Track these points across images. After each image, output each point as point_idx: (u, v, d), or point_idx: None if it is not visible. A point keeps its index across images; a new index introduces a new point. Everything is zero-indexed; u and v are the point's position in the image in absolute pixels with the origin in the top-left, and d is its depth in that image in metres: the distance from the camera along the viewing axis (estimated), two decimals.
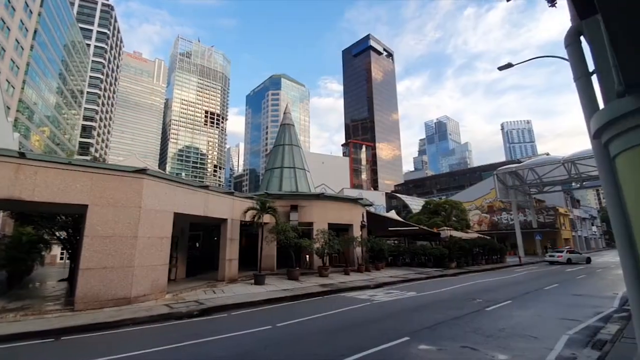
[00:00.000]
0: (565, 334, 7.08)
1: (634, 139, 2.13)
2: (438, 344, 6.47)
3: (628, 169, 2.23)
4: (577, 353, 5.89)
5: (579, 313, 9.22)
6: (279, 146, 25.53)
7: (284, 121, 26.78)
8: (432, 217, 37.68)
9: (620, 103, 2.14)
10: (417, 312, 9.56)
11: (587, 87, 2.75)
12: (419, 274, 19.49)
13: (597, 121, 2.36)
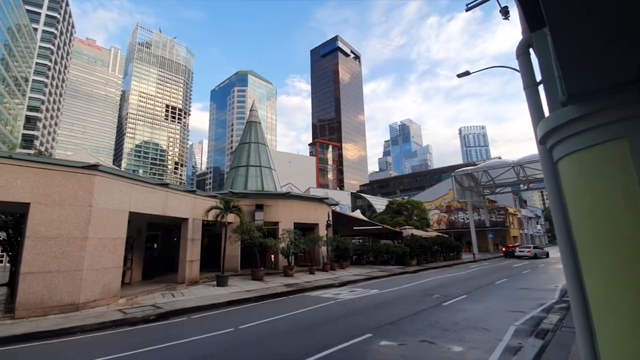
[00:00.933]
0: (513, 325, 7.63)
1: (574, 145, 2.32)
2: (399, 339, 6.68)
3: (568, 172, 2.44)
4: (523, 342, 6.37)
5: (525, 305, 9.98)
6: (245, 144, 25.00)
7: (251, 118, 26.27)
8: (395, 216, 38.93)
9: (563, 112, 2.33)
10: (379, 309, 9.80)
11: (534, 96, 2.96)
12: (382, 272, 20.03)
13: (542, 128, 2.54)
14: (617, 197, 2.10)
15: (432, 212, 56.30)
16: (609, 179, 2.15)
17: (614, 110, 2.07)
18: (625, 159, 2.05)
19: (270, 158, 25.39)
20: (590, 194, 2.30)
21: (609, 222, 2.16)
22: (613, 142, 2.11)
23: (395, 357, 5.77)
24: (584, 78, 2.01)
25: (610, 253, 2.16)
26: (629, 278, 2.04)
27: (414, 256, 25.06)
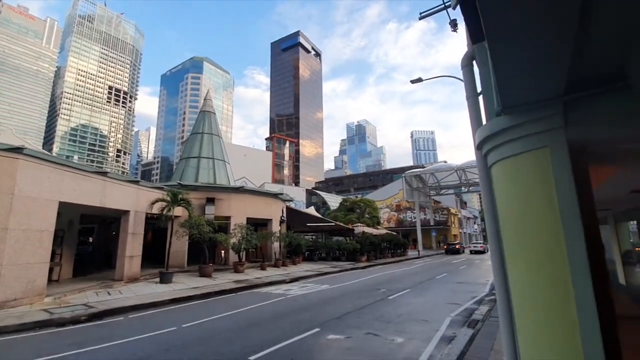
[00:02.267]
0: (449, 316, 8.25)
1: (505, 152, 2.55)
2: (346, 332, 6.87)
3: (500, 176, 2.67)
4: (457, 332, 6.92)
5: (460, 298, 10.84)
6: (198, 134, 23.84)
7: (204, 108, 25.09)
8: (348, 214, 39.91)
9: (497, 121, 2.54)
10: (328, 304, 9.99)
11: (475, 105, 3.19)
12: (333, 268, 20.44)
13: (479, 135, 2.76)
14: (537, 201, 2.35)
15: (383, 210, 58.68)
16: (532, 183, 2.40)
17: (540, 122, 2.32)
18: (547, 166, 2.30)
19: (224, 150, 24.52)
20: (516, 197, 2.54)
21: (530, 223, 2.42)
22: (537, 150, 2.35)
23: (341, 349, 5.92)
24: (517, 91, 2.21)
25: (529, 252, 2.42)
26: (543, 275, 2.31)
27: (364, 253, 25.92)
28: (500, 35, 1.49)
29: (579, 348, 2.07)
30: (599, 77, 2.13)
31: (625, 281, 10.54)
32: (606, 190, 4.88)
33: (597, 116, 2.20)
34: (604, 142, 2.39)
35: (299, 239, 22.55)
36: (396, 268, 22.04)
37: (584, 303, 2.07)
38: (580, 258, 2.11)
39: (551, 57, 1.75)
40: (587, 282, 2.08)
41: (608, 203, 6.94)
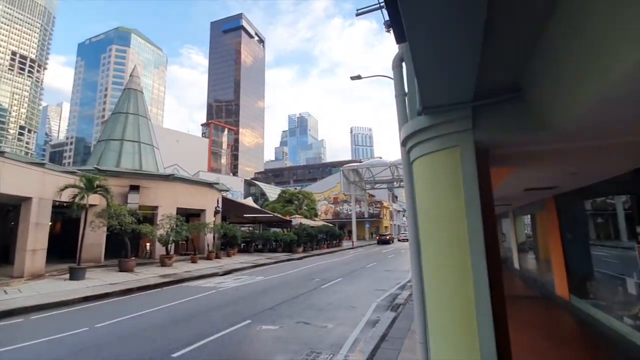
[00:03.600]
0: (375, 302, 8.82)
1: (424, 149, 2.77)
2: (277, 322, 6.92)
3: (419, 172, 2.90)
4: (381, 316, 7.44)
5: (386, 284, 11.67)
6: (121, 114, 21.46)
7: (130, 85, 22.65)
8: (286, 205, 39.95)
9: (419, 120, 2.74)
10: (262, 295, 9.93)
11: (402, 104, 3.41)
12: (269, 259, 20.34)
13: (404, 132, 2.95)
14: (448, 194, 2.62)
15: (321, 202, 60.00)
16: (444, 178, 2.66)
17: (453, 124, 2.57)
18: (457, 163, 2.57)
19: (152, 134, 22.52)
20: (432, 191, 2.80)
21: (442, 214, 2.69)
22: (450, 149, 2.61)
23: (272, 339, 5.95)
24: (435, 94, 2.42)
25: (439, 240, 2.69)
26: (449, 260, 2.59)
27: (301, 244, 26.27)
28: (418, 37, 1.60)
29: (474, 318, 2.37)
30: (500, 88, 2.43)
31: (519, 266, 12.43)
32: (506, 188, 5.67)
33: (497, 121, 2.51)
34: (503, 145, 2.75)
35: (235, 230, 21.93)
36: (331, 258, 22.80)
37: (479, 284, 2.38)
38: (478, 246, 2.41)
39: (463, 64, 1.93)
40: (482, 266, 2.39)
41: (508, 199, 8.07)
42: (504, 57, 2.08)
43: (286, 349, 5.47)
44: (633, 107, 1.93)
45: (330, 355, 5.19)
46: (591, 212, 6.34)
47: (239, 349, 5.58)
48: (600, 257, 5.92)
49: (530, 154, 3.03)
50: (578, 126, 2.24)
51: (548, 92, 2.15)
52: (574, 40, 1.68)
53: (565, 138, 2.53)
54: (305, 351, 5.32)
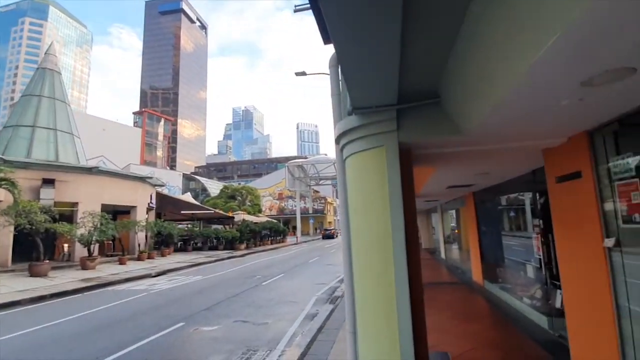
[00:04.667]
0: (315, 296, 9.01)
1: (355, 147, 2.89)
2: (213, 322, 6.69)
3: (350, 169, 3.01)
4: (320, 309, 7.62)
5: (327, 278, 11.98)
6: (34, 97, 18.65)
7: (45, 64, 19.80)
8: (228, 201, 38.62)
9: (350, 120, 2.85)
10: (199, 295, 9.51)
11: (337, 103, 3.50)
12: (209, 257, 19.52)
13: (337, 130, 3.04)
14: (374, 191, 2.77)
15: (266, 198, 59.20)
16: (371, 176, 2.81)
17: (379, 125, 2.72)
18: (383, 163, 2.73)
19: (72, 121, 20.01)
20: (360, 187, 2.94)
21: (369, 210, 2.84)
22: (377, 149, 2.77)
23: (206, 340, 5.74)
24: (362, 96, 2.54)
25: (366, 234, 2.84)
26: (375, 253, 2.76)
27: (243, 240, 25.64)
28: (341, 41, 1.65)
29: (394, 306, 2.56)
30: (422, 94, 2.63)
31: (445, 256, 13.69)
32: (432, 186, 6.19)
33: (419, 124, 2.72)
34: (424, 146, 2.99)
35: (171, 228, 20.57)
36: (274, 254, 22.67)
37: (399, 275, 2.57)
38: (399, 240, 2.59)
39: (385, 71, 2.05)
40: (403, 258, 2.58)
41: (435, 195, 8.81)
42: (423, 66, 2.26)
43: (221, 349, 5.31)
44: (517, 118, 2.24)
45: (267, 351, 5.18)
46: (506, 207, 7.22)
47: (168, 354, 5.28)
48: (512, 246, 6.78)
49: (449, 155, 3.33)
50: (483, 131, 2.53)
51: (458, 100, 2.39)
52: (472, 57, 1.89)
53: (476, 141, 2.83)
54: (241, 350, 5.23)
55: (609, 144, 2.40)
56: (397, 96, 2.50)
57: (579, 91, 1.77)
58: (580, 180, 2.66)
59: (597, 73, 1.56)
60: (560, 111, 2.14)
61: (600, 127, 2.44)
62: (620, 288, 2.37)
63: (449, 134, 2.66)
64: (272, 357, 4.93)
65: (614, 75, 1.58)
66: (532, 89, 1.75)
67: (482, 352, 4.08)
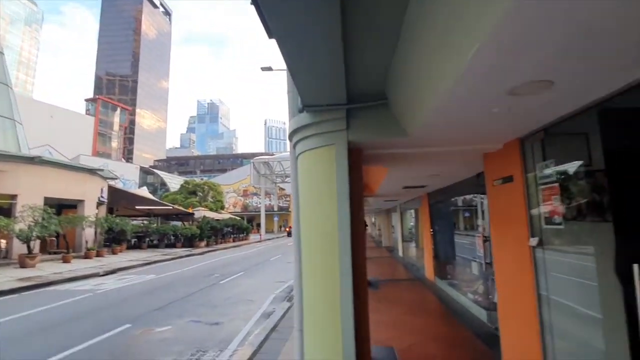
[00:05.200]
0: (273, 294, 8.94)
1: (306, 145, 2.89)
2: (164, 323, 6.40)
3: (302, 166, 3.01)
4: (277, 307, 7.57)
5: (287, 276, 11.92)
6: None
7: None
8: (189, 197, 37.19)
9: (302, 117, 2.84)
10: (149, 295, 9.06)
11: (292, 99, 3.47)
12: (165, 256, 18.66)
13: (290, 127, 3.02)
14: (323, 190, 2.80)
15: (230, 195, 57.76)
16: (320, 174, 2.83)
17: (330, 123, 2.74)
18: (332, 161, 2.75)
19: (14, 106, 18.20)
20: (310, 185, 2.95)
21: (318, 208, 2.85)
22: (327, 147, 2.79)
23: (154, 342, 5.48)
24: (311, 95, 2.54)
25: (314, 231, 2.86)
26: (321, 251, 2.78)
27: (204, 238, 24.83)
28: (279, 32, 1.63)
29: (337, 300, 2.60)
30: (371, 95, 2.69)
31: (402, 254, 14.20)
32: (389, 186, 6.37)
33: (368, 125, 2.77)
34: (374, 146, 3.05)
35: (123, 224, 19.38)
36: (236, 252, 22.20)
37: (344, 273, 2.61)
38: (345, 238, 2.63)
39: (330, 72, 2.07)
40: (347, 256, 2.62)
41: (394, 195, 9.10)
42: (370, 67, 2.31)
43: (169, 350, 5.10)
44: (456, 123, 2.37)
45: (218, 351, 5.05)
46: (458, 208, 7.61)
47: (110, 358, 4.96)
48: (462, 244, 7.16)
49: (399, 156, 3.44)
50: (427, 134, 2.64)
51: (402, 103, 2.47)
52: (412, 60, 1.96)
53: (421, 144, 2.95)
54: (190, 351, 5.05)
55: (537, 150, 2.61)
56: (346, 96, 2.53)
57: (507, 100, 1.90)
58: (512, 184, 2.87)
59: (520, 84, 1.68)
60: (495, 118, 2.29)
61: (530, 135, 2.64)
62: (541, 281, 2.60)
63: (396, 136, 2.74)
64: (223, 357, 4.82)
65: (534, 87, 1.71)
66: (465, 96, 1.84)
67: (424, 345, 4.28)
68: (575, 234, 2.35)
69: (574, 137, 2.48)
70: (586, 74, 1.62)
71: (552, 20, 1.15)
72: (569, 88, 1.76)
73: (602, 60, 1.49)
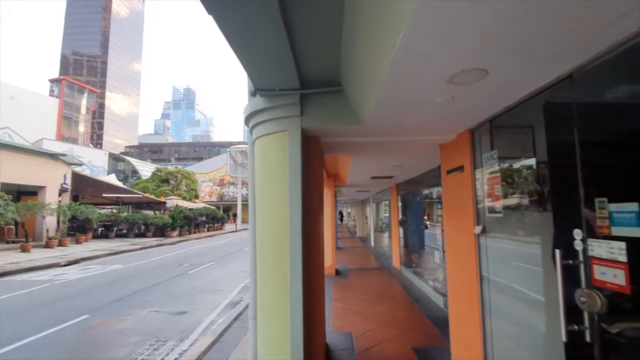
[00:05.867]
0: (243, 283, 8.87)
1: (261, 130, 2.83)
2: (124, 314, 6.22)
3: (258, 152, 2.95)
4: (244, 296, 7.53)
5: None
6: None
7: None
8: (161, 185, 36.05)
9: (257, 101, 2.77)
10: (112, 286, 8.76)
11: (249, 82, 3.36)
12: (134, 245, 18.07)
13: (245, 111, 2.93)
14: (276, 177, 2.75)
15: (206, 184, 56.51)
16: (274, 160, 2.78)
17: (284, 109, 2.68)
18: (285, 147, 2.70)
19: None
20: (264, 172, 2.89)
21: (271, 195, 2.81)
22: (281, 133, 2.73)
23: (110, 333, 5.31)
24: (261, 78, 2.46)
25: (267, 219, 2.82)
26: (273, 239, 2.75)
27: (176, 227, 24.24)
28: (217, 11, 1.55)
29: (287, 290, 2.59)
30: (326, 81, 2.64)
31: (374, 244, 14.48)
32: (357, 176, 6.42)
33: (323, 112, 2.74)
34: (331, 134, 3.03)
35: (89, 212, 18.54)
36: (209, 242, 21.84)
37: (294, 261, 2.60)
38: (296, 227, 2.62)
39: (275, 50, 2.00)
40: (298, 246, 2.60)
41: (364, 186, 9.19)
42: (321, 52, 2.25)
43: (126, 342, 4.95)
44: (406, 112, 2.38)
45: (178, 341, 4.97)
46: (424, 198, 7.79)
47: (64, 350, 4.76)
48: (434, 235, 7.34)
49: (358, 145, 3.44)
50: (380, 123, 2.64)
51: (354, 90, 2.45)
52: (357, 47, 1.94)
53: (377, 132, 2.95)
54: (149, 341, 4.94)
55: (484, 141, 2.68)
56: (299, 81, 2.47)
57: (448, 89, 1.92)
58: (463, 174, 2.95)
59: (456, 72, 1.69)
60: (442, 108, 2.31)
61: (479, 126, 2.70)
62: (483, 264, 2.72)
63: (351, 123, 2.72)
64: (182, 347, 4.74)
65: (470, 75, 1.72)
66: (404, 85, 1.84)
67: (381, 330, 4.39)
68: (514, 223, 2.45)
69: (520, 130, 2.56)
70: (519, 64, 1.65)
71: (472, 7, 1.15)
72: (505, 78, 1.79)
73: (534, 51, 1.52)
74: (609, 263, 1.40)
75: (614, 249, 1.37)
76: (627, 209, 1.32)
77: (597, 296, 1.42)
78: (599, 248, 1.47)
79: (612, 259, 1.38)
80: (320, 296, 2.92)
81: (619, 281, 1.35)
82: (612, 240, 1.40)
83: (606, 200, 1.44)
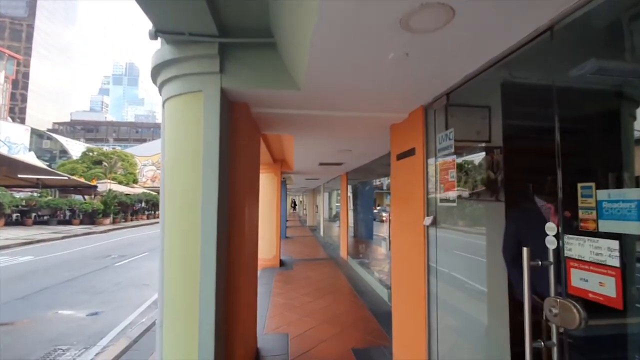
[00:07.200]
0: None
1: (171, 90, 2.20)
2: (22, 315, 5.20)
3: (167, 118, 2.28)
4: None
5: None
6: None
7: None
8: (93, 167, 32.44)
9: (164, 51, 2.11)
10: (19, 281, 7.43)
11: None
12: (56, 234, 15.93)
13: (151, 63, 2.25)
14: (187, 150, 2.15)
15: (148, 168, 52.21)
16: (187, 126, 2.18)
17: (196, 62, 2.08)
18: (200, 110, 2.11)
19: None
20: (174, 143, 2.26)
21: (179, 173, 2.21)
22: (193, 94, 2.13)
23: None
24: (163, 13, 1.81)
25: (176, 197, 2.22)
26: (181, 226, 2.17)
27: (109, 214, 21.93)
28: None
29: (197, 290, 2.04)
30: (254, 29, 2.08)
31: (323, 233, 14.26)
32: (303, 161, 5.93)
33: (250, 70, 2.17)
34: (262, 102, 2.48)
35: (0, 196, 15.88)
36: (146, 230, 20.08)
37: (206, 255, 2.05)
38: (210, 211, 2.06)
39: None
40: (212, 234, 2.06)
41: (313, 173, 8.77)
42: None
43: (12, 351, 4.02)
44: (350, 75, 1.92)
45: (83, 349, 4.16)
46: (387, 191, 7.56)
47: None
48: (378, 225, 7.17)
49: (298, 119, 2.91)
50: (320, 90, 2.16)
51: (287, 43, 1.92)
52: None
53: (318, 104, 2.48)
54: (45, 350, 4.06)
55: (439, 120, 2.35)
56: (215, 25, 1.88)
57: (402, 38, 1.48)
58: (413, 158, 2.60)
59: (414, 8, 1.25)
60: (393, 73, 1.89)
61: (434, 101, 2.35)
62: (431, 254, 2.42)
63: (286, 87, 2.20)
64: (86, 357, 3.96)
65: (432, 15, 1.30)
66: (347, 29, 1.37)
67: (321, 329, 4.03)
68: (467, 212, 2.16)
69: (477, 110, 2.25)
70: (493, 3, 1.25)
71: None
72: (474, 22, 1.38)
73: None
74: (592, 267, 1.08)
75: (602, 249, 1.05)
76: (625, 197, 1.00)
77: (575, 308, 1.10)
78: (579, 247, 1.14)
79: (598, 262, 1.06)
80: (250, 294, 2.42)
81: (606, 291, 1.03)
82: (599, 237, 1.08)
83: (593, 186, 1.11)
